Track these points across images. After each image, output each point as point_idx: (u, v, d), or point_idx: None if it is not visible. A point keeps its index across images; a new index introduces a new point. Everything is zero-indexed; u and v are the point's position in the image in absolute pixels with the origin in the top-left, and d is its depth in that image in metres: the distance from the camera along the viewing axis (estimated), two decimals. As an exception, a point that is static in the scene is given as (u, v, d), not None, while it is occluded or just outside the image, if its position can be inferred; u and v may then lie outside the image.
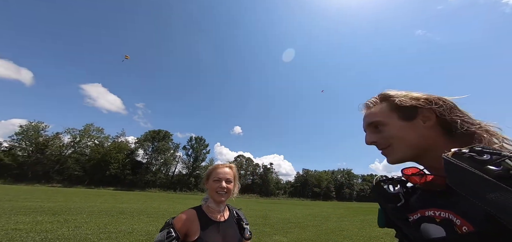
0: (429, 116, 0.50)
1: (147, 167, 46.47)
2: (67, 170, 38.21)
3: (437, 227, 0.43)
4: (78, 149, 42.10)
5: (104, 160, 40.57)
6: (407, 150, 0.52)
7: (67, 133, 41.77)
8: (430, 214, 0.46)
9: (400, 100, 0.53)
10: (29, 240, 3.66)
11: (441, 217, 0.44)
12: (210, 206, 0.98)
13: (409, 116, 0.52)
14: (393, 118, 0.53)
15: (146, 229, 5.48)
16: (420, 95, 0.52)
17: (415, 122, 0.51)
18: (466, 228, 0.39)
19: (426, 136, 0.50)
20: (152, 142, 49.12)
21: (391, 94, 0.56)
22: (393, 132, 0.53)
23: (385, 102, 0.56)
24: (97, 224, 5.64)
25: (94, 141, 44.16)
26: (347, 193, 69.83)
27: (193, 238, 0.85)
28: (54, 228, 4.72)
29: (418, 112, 0.51)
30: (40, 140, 38.29)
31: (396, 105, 0.53)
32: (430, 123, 0.50)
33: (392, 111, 0.54)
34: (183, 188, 47.41)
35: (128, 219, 6.81)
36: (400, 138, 0.52)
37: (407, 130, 0.51)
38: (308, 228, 7.24)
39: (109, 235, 4.56)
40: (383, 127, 0.55)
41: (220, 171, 1.02)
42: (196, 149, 54.18)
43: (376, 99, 0.59)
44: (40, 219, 5.63)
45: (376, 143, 0.57)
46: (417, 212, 0.49)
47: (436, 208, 0.45)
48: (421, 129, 0.50)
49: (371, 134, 0.58)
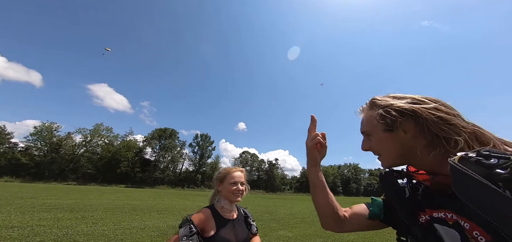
0: (409, 127, 0.50)
1: (156, 165, 47.83)
2: (80, 169, 40.02)
3: (451, 230, 0.41)
4: (90, 148, 43.83)
5: (115, 158, 42.10)
6: (394, 159, 0.54)
7: (78, 132, 43.51)
8: (440, 216, 0.44)
9: (378, 114, 0.54)
10: (53, 235, 3.97)
11: (453, 219, 0.42)
12: (224, 206, 1.09)
13: (390, 127, 0.52)
14: (377, 129, 0.55)
15: (157, 225, 5.77)
16: (398, 106, 0.52)
17: (396, 133, 0.52)
18: (477, 233, 0.37)
19: (409, 145, 0.51)
20: (159, 140, 50.32)
21: (376, 104, 0.57)
22: (379, 143, 0.55)
23: (371, 111, 0.57)
24: (113, 220, 5.98)
25: (104, 140, 45.81)
26: (354, 188, 69.20)
27: (209, 234, 0.97)
28: (73, 225, 5.07)
29: (398, 123, 0.51)
30: (54, 140, 40.12)
31: (379, 117, 0.54)
32: (411, 133, 0.50)
33: (377, 121, 0.55)
34: (191, 185, 48.59)
35: (140, 216, 7.16)
36: (385, 149, 0.55)
37: (390, 141, 0.53)
38: (314, 223, 7.35)
39: (123, 231, 4.86)
40: (371, 137, 0.57)
41: (235, 174, 1.13)
42: (202, 146, 55.09)
43: (366, 106, 0.61)
44: (60, 216, 6.04)
45: (370, 150, 0.59)
46: (426, 211, 0.48)
47: (447, 210, 0.44)
48: (403, 139, 0.51)
49: (365, 142, 0.60)
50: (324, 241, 5.00)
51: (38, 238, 3.68)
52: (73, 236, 4.06)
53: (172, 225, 5.95)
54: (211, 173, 52.98)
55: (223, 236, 0.98)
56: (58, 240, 3.71)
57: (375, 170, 79.80)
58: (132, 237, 4.35)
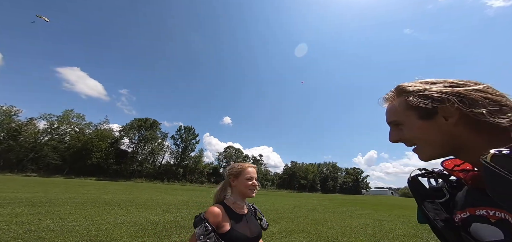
0: (451, 112, 0.43)
1: (133, 156, 44.92)
2: (43, 159, 35.74)
3: (493, 228, 0.38)
4: (56, 136, 39.36)
5: (85, 148, 38.48)
6: (435, 150, 0.47)
7: (43, 118, 38.68)
8: (482, 213, 0.40)
9: (411, 101, 0.47)
10: (11, 232, 3.49)
11: (496, 217, 0.38)
12: (237, 202, 1.08)
13: (428, 114, 0.45)
14: (411, 118, 0.48)
15: (136, 220, 5.44)
16: (434, 91, 0.45)
17: (436, 120, 0.45)
18: None
19: (453, 133, 0.44)
20: (139, 131, 47.28)
21: (405, 90, 0.49)
22: (414, 133, 0.48)
23: (400, 98, 0.50)
24: (83, 215, 5.47)
25: (74, 128, 41.48)
26: (331, 185, 73.51)
27: (225, 230, 0.94)
28: (36, 220, 4.52)
29: (437, 109, 0.44)
30: (12, 126, 35.18)
31: (411, 104, 0.47)
32: (453, 119, 0.43)
33: (409, 109, 0.48)
34: (171, 178, 46.76)
35: (116, 210, 6.67)
36: (423, 140, 0.47)
37: (428, 129, 0.46)
38: (296, 219, 7.64)
39: (97, 226, 4.48)
40: (403, 127, 0.50)
41: (251, 170, 1.13)
42: (185, 139, 53.20)
43: (392, 94, 0.53)
44: (19, 211, 5.34)
45: (401, 141, 0.52)
46: (466, 210, 0.44)
47: (490, 207, 0.40)
48: (444, 126, 0.44)
49: (394, 132, 0.53)
50: (306, 235, 5.22)
51: (-8, 236, 3.21)
52: (37, 232, 3.62)
53: (153, 220, 5.67)
54: (194, 167, 51.58)
55: (240, 232, 0.97)
56: (19, 238, 3.27)
57: (351, 169, 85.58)
58: (109, 233, 4.03)
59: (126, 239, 3.82)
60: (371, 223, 7.71)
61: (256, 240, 1.02)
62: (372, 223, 7.72)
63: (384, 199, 31.42)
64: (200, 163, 53.21)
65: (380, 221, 8.13)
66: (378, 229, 6.53)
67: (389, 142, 0.54)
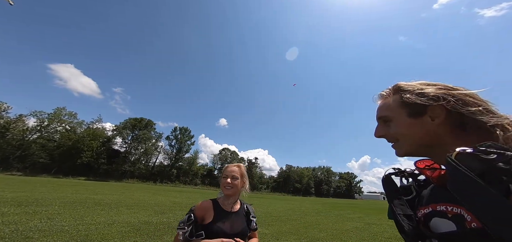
0: (438, 113, 0.47)
1: (125, 156, 43.91)
2: (30, 157, 34.39)
3: (448, 222, 0.42)
4: (46, 134, 38.03)
5: (76, 147, 37.35)
6: (412, 147, 0.52)
7: (33, 115, 37.39)
8: (442, 209, 0.45)
9: (407, 98, 0.51)
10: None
11: (453, 212, 0.42)
12: (225, 200, 1.17)
13: (417, 113, 0.50)
14: (401, 115, 0.52)
15: (128, 220, 5.38)
16: (430, 91, 0.49)
17: (423, 119, 0.49)
18: (474, 224, 0.38)
19: (434, 132, 0.48)
20: (133, 130, 46.35)
21: (403, 88, 0.54)
22: (400, 129, 0.53)
23: (396, 96, 0.54)
24: (72, 215, 5.36)
25: (65, 126, 40.23)
26: (325, 189, 74.02)
27: (207, 222, 1.05)
28: (23, 220, 4.40)
29: (427, 109, 0.48)
30: (1, 122, 33.80)
31: (404, 102, 0.51)
32: (439, 119, 0.47)
33: (401, 107, 0.52)
34: (164, 180, 45.93)
35: (106, 211, 6.55)
36: (406, 135, 0.52)
37: (414, 127, 0.50)
38: (289, 222, 7.71)
39: (87, 226, 4.41)
40: (391, 123, 0.55)
41: (228, 169, 1.20)
42: (180, 140, 52.52)
43: (389, 91, 0.57)
44: (5, 210, 5.17)
45: (385, 137, 0.57)
46: (429, 206, 0.48)
47: (449, 203, 0.44)
48: (428, 125, 0.49)
49: (380, 128, 0.57)
50: (298, 238, 5.31)
51: (-22, 235, 3.13)
52: (24, 232, 3.54)
53: (145, 220, 5.61)
54: (188, 168, 50.88)
55: (218, 226, 1.04)
56: (6, 238, 3.20)
57: (344, 174, 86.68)
58: (99, 233, 3.99)
59: (117, 239, 3.79)
60: (361, 226, 7.88)
61: (238, 236, 1.07)
62: (362, 226, 7.89)
63: (375, 204, 31.98)
64: (194, 165, 52.57)
65: (370, 225, 8.33)
66: (367, 232, 6.70)
67: (374, 137, 0.59)
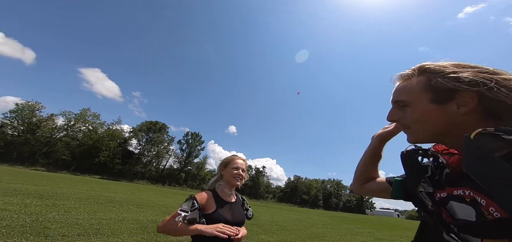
0: (467, 100, 0.42)
1: (138, 158, 45.67)
2: (54, 154, 37.10)
3: (467, 207, 0.40)
4: (71, 133, 41.05)
5: (95, 147, 39.70)
6: (427, 135, 0.48)
7: (62, 115, 40.88)
8: (459, 193, 0.42)
9: (437, 82, 0.44)
10: (20, 221, 3.71)
11: (470, 196, 0.40)
12: (225, 190, 1.21)
13: (442, 99, 0.44)
14: (422, 100, 0.46)
15: (136, 218, 5.58)
16: (467, 75, 0.41)
17: (447, 106, 0.44)
18: (493, 209, 0.35)
19: (458, 122, 0.44)
20: (147, 133, 48.33)
21: (430, 69, 0.47)
22: (417, 115, 0.47)
23: (421, 77, 0.48)
24: (86, 210, 5.67)
25: (88, 126, 43.13)
26: (334, 202, 70.84)
27: (209, 212, 1.09)
28: (43, 211, 4.75)
29: (455, 95, 0.43)
30: (33, 120, 37.19)
31: (431, 86, 0.45)
32: (467, 108, 0.42)
33: (425, 91, 0.46)
34: (172, 183, 46.85)
35: (117, 208, 6.84)
36: (423, 123, 0.47)
37: (434, 114, 0.45)
38: (294, 232, 7.50)
39: (99, 221, 4.65)
40: (408, 108, 0.49)
41: (238, 160, 1.26)
42: (191, 145, 53.72)
43: (413, 72, 0.50)
44: (28, 202, 5.61)
45: (398, 121, 0.53)
46: (445, 190, 0.45)
47: (466, 188, 0.41)
48: (452, 114, 0.44)
49: (394, 111, 0.53)
50: (302, 248, 5.15)
51: (4, 223, 3.43)
52: (43, 223, 3.82)
53: (153, 219, 5.78)
54: (196, 173, 51.55)
55: (221, 215, 1.10)
56: (27, 225, 3.48)
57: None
58: (110, 228, 4.19)
59: (125, 234, 3.95)
60: (371, 241, 7.45)
61: (239, 225, 1.15)
62: (371, 241, 7.46)
63: (388, 220, 29.88)
64: (202, 170, 53.22)
65: (380, 240, 7.83)
66: (378, 249, 6.31)
67: (387, 120, 0.56)
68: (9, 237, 2.84)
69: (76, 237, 3.33)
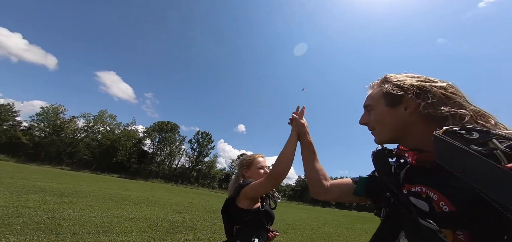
0: (411, 103, 0.53)
1: (152, 157, 47.54)
2: (77, 154, 39.80)
3: (423, 202, 0.46)
4: (91, 134, 43.78)
5: (113, 147, 41.92)
6: (387, 134, 0.58)
7: (82, 117, 43.62)
8: (416, 190, 0.49)
9: (384, 88, 0.57)
10: (37, 218, 3.88)
11: (425, 193, 0.47)
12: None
13: (393, 103, 0.56)
14: (381, 104, 0.58)
15: (146, 216, 5.66)
16: (409, 84, 0.54)
17: (397, 108, 0.55)
18: (443, 203, 0.42)
19: (405, 121, 0.54)
20: (160, 133, 50.10)
21: (388, 79, 0.59)
22: (377, 117, 0.59)
23: (381, 85, 0.60)
24: (101, 208, 5.87)
25: (106, 127, 45.69)
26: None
27: (258, 205, 1.08)
28: (60, 209, 4.96)
29: (402, 99, 0.54)
30: (58, 122, 40.14)
31: (385, 92, 0.57)
32: (410, 109, 0.53)
33: (382, 97, 0.58)
34: (185, 181, 48.19)
35: (130, 206, 7.04)
36: (381, 122, 0.58)
37: (388, 115, 0.56)
38: (305, 231, 7.23)
39: (111, 219, 4.75)
40: (372, 111, 0.61)
41: (260, 159, 1.23)
42: (201, 144, 54.80)
43: (378, 81, 0.63)
44: (49, 199, 5.93)
45: (367, 124, 0.63)
46: (405, 187, 0.52)
47: (423, 185, 0.48)
48: (401, 115, 0.54)
49: (364, 116, 0.64)
50: (314, 250, 4.89)
51: (21, 220, 3.58)
52: (58, 220, 3.96)
53: (162, 218, 5.84)
54: (207, 172, 52.58)
55: (267, 209, 1.09)
56: (42, 223, 3.61)
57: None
58: (120, 226, 4.25)
59: (134, 233, 3.97)
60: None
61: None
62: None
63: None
64: (213, 169, 54.15)
65: None
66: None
67: (359, 123, 0.65)
68: (22, 234, 2.93)
69: (86, 234, 3.39)
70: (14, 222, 3.38)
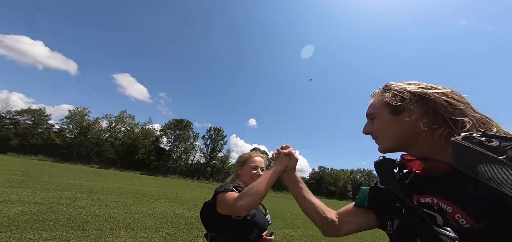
0: (413, 111, 0.52)
1: (169, 154, 50.02)
2: (103, 153, 43.33)
3: (435, 214, 0.43)
4: (113, 134, 47.24)
5: (134, 145, 44.86)
6: (390, 142, 0.57)
7: (105, 118, 47.17)
8: (427, 201, 0.46)
9: (385, 97, 0.57)
10: (67, 214, 4.24)
11: (437, 204, 0.44)
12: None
13: (396, 111, 0.55)
14: (384, 112, 0.58)
15: (164, 212, 5.94)
16: (411, 91, 0.54)
17: (400, 116, 0.54)
18: (459, 216, 0.40)
19: (410, 129, 0.53)
20: (175, 130, 52.38)
21: (389, 87, 0.59)
22: (381, 126, 0.58)
23: (384, 94, 0.59)
24: (124, 204, 6.28)
25: (126, 127, 48.95)
26: (366, 193, 66.20)
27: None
28: (88, 205, 5.39)
29: (405, 106, 0.53)
30: (84, 124, 43.93)
31: (388, 100, 0.57)
32: (413, 117, 0.52)
33: (385, 105, 0.57)
34: (200, 177, 50.12)
35: (150, 202, 7.45)
36: (384, 131, 0.58)
37: (392, 123, 0.56)
38: (320, 227, 7.08)
39: (132, 215, 5.05)
40: (375, 120, 0.61)
41: (257, 159, 1.11)
42: (214, 139, 56.27)
43: (379, 91, 0.62)
44: (79, 196, 6.48)
45: (370, 133, 0.63)
46: (413, 198, 0.50)
47: (433, 195, 0.46)
48: (404, 123, 0.54)
49: (368, 125, 0.63)
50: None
51: (54, 216, 3.94)
52: (85, 216, 4.29)
53: (179, 213, 6.09)
54: (221, 167, 54.07)
55: (258, 218, 0.99)
56: (71, 219, 3.94)
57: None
58: (140, 222, 4.49)
59: (152, 229, 4.17)
60: None
61: (265, 230, 1.02)
62: None
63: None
64: (226, 163, 55.47)
65: None
66: None
67: (362, 133, 0.65)
68: (53, 230, 3.21)
69: (108, 231, 3.62)
70: (47, 218, 3.72)
